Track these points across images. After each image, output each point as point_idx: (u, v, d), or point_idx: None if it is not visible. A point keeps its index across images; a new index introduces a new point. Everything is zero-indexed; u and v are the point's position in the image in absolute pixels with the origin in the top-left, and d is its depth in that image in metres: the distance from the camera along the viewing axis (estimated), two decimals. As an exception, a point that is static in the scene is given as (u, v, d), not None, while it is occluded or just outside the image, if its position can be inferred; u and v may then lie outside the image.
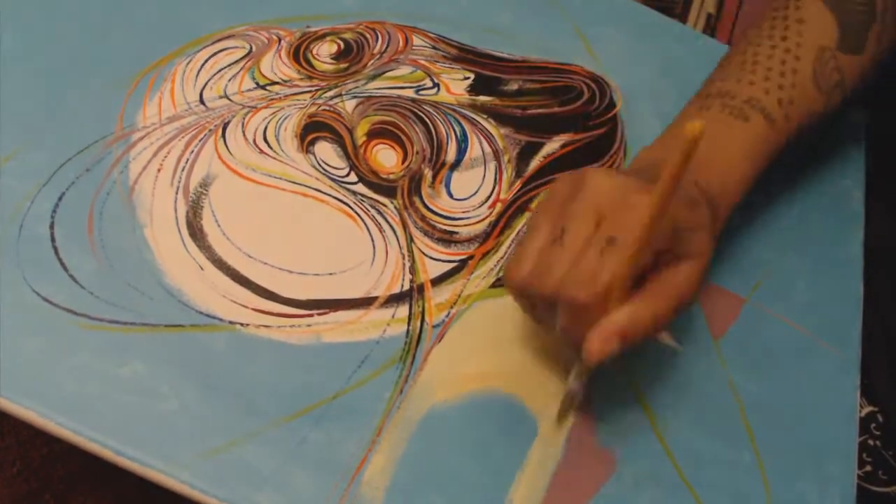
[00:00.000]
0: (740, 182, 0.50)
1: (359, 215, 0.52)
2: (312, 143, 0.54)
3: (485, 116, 0.59)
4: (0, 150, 0.49)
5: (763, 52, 0.53)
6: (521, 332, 0.49)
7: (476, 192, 0.55)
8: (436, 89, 0.59)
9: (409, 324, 0.48)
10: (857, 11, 0.54)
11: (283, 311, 0.47)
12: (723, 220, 0.48)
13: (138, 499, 0.86)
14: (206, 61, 0.56)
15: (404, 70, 0.60)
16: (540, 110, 0.60)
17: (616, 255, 0.40)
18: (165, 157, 0.51)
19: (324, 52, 0.59)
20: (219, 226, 0.49)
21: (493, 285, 0.51)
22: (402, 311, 0.49)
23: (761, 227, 0.58)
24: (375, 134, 0.56)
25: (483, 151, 0.57)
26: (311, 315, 0.47)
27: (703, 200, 0.45)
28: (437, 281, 0.50)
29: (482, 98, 0.60)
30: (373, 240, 0.51)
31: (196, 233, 0.49)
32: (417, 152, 0.56)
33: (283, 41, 0.59)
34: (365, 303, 0.48)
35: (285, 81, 0.57)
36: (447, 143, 0.56)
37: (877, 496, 0.57)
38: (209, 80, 0.55)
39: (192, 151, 0.52)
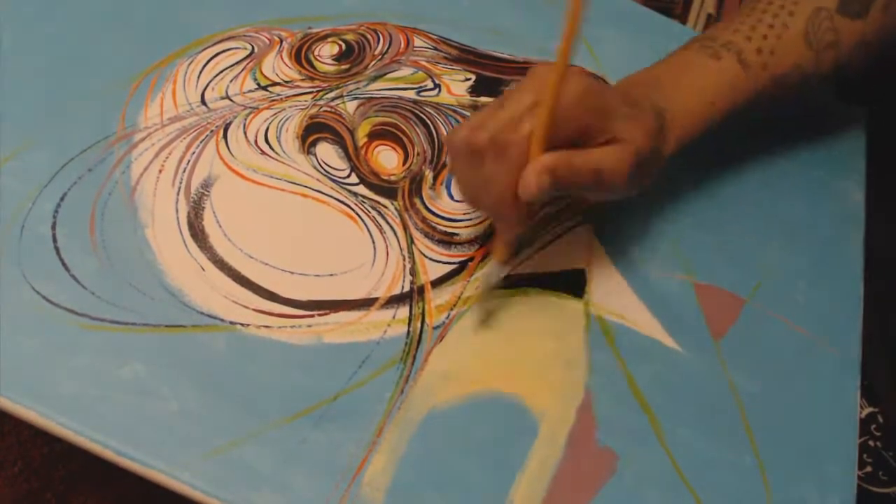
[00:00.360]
0: (699, 114, 0.52)
1: (360, 216, 0.52)
2: (314, 144, 0.54)
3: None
4: (1, 150, 0.49)
5: (760, 6, 0.55)
6: (522, 333, 0.49)
7: (477, 193, 0.55)
8: (437, 90, 0.59)
9: (409, 325, 0.48)
10: None
11: (283, 312, 0.47)
12: (673, 142, 0.51)
13: (139, 499, 0.86)
14: (208, 62, 0.56)
15: (405, 71, 0.60)
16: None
17: (540, 115, 0.44)
18: (167, 157, 0.51)
19: (325, 53, 0.59)
20: (220, 226, 0.49)
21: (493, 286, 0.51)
22: (403, 312, 0.49)
23: (761, 228, 0.58)
24: (376, 135, 0.56)
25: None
26: (312, 316, 0.47)
27: (648, 108, 0.49)
28: (438, 282, 0.50)
29: (483, 99, 0.60)
30: (373, 241, 0.51)
31: (197, 233, 0.49)
32: (418, 154, 0.56)
33: (284, 42, 0.59)
34: (365, 304, 0.48)
35: (287, 82, 0.57)
36: (448, 144, 0.57)
37: (877, 497, 0.57)
38: (211, 81, 0.55)
39: (194, 152, 0.52)
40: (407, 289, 0.50)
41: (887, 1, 0.55)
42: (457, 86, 0.60)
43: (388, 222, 0.52)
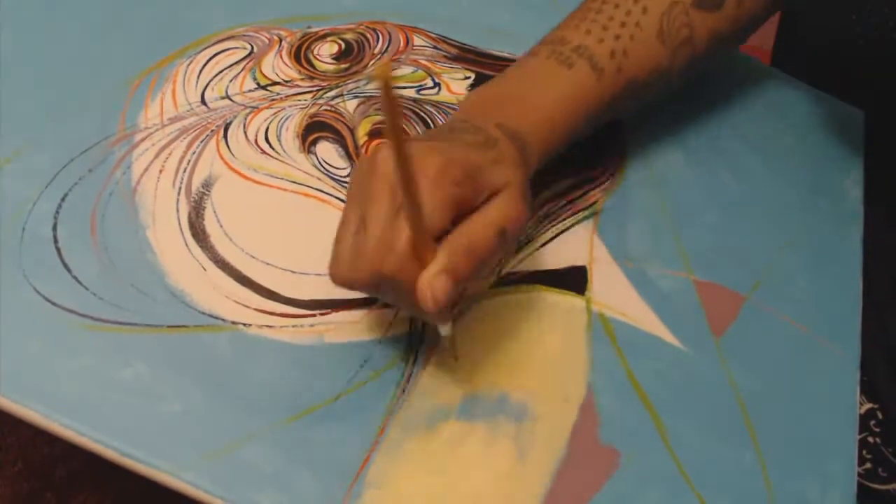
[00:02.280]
0: (555, 128, 0.49)
1: (360, 215, 0.52)
2: (314, 143, 0.54)
3: (485, 116, 0.59)
4: (1, 150, 0.49)
5: (611, 2, 0.52)
6: (524, 330, 0.49)
7: (477, 191, 0.55)
8: (437, 89, 0.59)
9: (411, 324, 0.48)
10: None
11: (285, 312, 0.47)
12: (534, 162, 0.48)
13: (140, 498, 0.86)
14: (208, 62, 0.56)
15: (405, 70, 0.60)
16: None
17: (406, 225, 0.39)
18: (167, 158, 0.51)
19: (325, 52, 0.59)
20: (221, 226, 0.49)
21: (495, 285, 0.51)
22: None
23: (761, 226, 0.58)
24: (377, 134, 0.56)
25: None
26: (314, 315, 0.47)
27: (503, 137, 0.45)
28: (439, 281, 0.50)
29: (483, 98, 0.60)
30: (374, 240, 0.51)
31: (198, 233, 0.49)
32: (418, 152, 0.56)
33: (284, 41, 0.59)
34: (367, 303, 0.48)
35: (286, 82, 0.57)
36: (448, 142, 0.57)
37: (877, 493, 0.57)
38: (211, 81, 0.55)
39: (194, 152, 0.52)
40: (408, 288, 0.50)
41: None
42: (457, 84, 0.60)
43: (388, 221, 0.52)
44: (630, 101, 0.53)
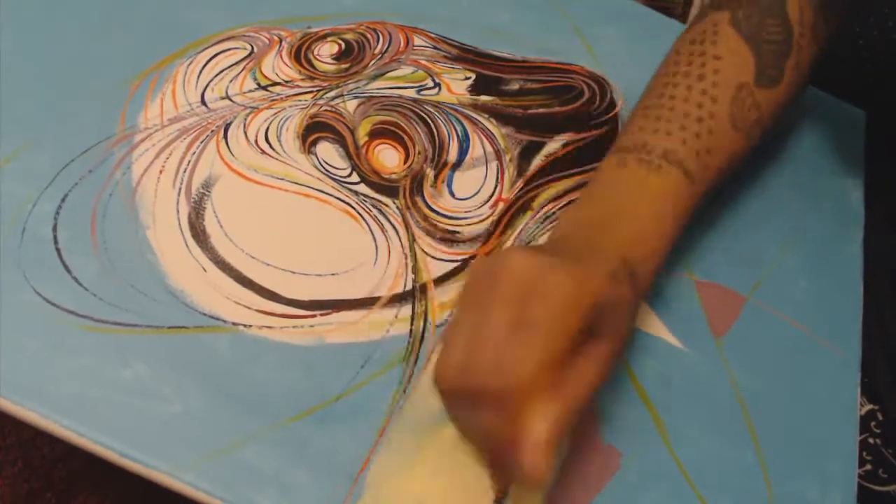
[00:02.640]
0: (662, 243, 0.47)
1: (361, 215, 0.52)
2: (314, 143, 0.54)
3: (486, 116, 0.59)
4: (1, 151, 0.49)
5: (679, 95, 0.51)
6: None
7: (478, 191, 0.55)
8: (437, 89, 0.59)
9: (412, 324, 0.48)
10: (774, 42, 0.53)
11: (285, 312, 0.47)
12: (644, 288, 0.46)
13: (139, 499, 0.86)
14: (208, 62, 0.56)
15: (405, 70, 0.60)
16: (541, 110, 0.60)
17: (534, 343, 0.38)
18: (167, 158, 0.51)
19: (325, 52, 0.59)
20: (221, 227, 0.49)
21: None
22: (405, 310, 0.49)
23: (761, 226, 0.58)
24: (377, 134, 0.56)
25: (485, 151, 0.57)
26: (314, 316, 0.47)
27: (625, 277, 0.43)
28: (440, 280, 0.50)
29: (483, 98, 0.60)
30: (375, 240, 0.51)
31: (199, 234, 0.49)
32: (419, 152, 0.56)
33: (284, 42, 0.59)
34: (368, 303, 0.48)
35: (286, 82, 0.57)
36: (449, 142, 0.57)
37: (877, 495, 0.57)
38: (210, 82, 0.55)
39: (194, 153, 0.52)
40: (409, 287, 0.50)
41: (797, 59, 0.54)
42: (457, 84, 0.60)
43: (389, 221, 0.52)
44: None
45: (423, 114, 0.58)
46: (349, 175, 0.53)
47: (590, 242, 0.44)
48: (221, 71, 0.56)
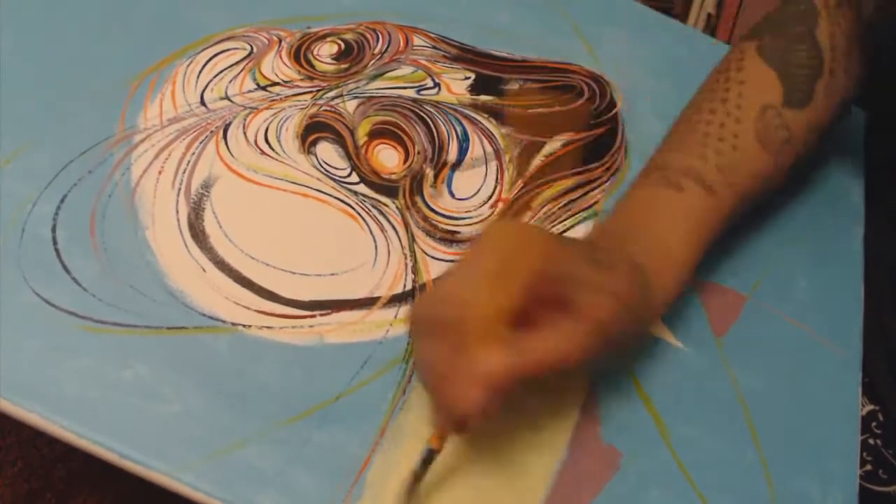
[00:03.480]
0: (680, 254, 0.47)
1: (360, 216, 0.52)
2: (314, 143, 0.54)
3: (486, 116, 0.59)
4: (1, 151, 0.49)
5: (703, 118, 0.52)
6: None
7: (478, 191, 0.55)
8: (437, 89, 0.59)
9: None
10: (803, 66, 0.53)
11: (285, 312, 0.47)
12: (658, 301, 0.46)
13: (139, 499, 0.86)
14: (207, 63, 0.56)
15: (405, 70, 0.60)
16: (541, 110, 0.60)
17: (495, 287, 0.38)
18: (167, 158, 0.51)
19: (324, 52, 0.59)
20: (221, 227, 0.49)
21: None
22: (405, 311, 0.49)
23: (762, 225, 0.58)
24: (377, 134, 0.56)
25: (484, 151, 0.57)
26: (314, 316, 0.47)
27: (622, 265, 0.43)
28: (440, 281, 0.50)
29: (483, 98, 0.60)
30: (375, 240, 0.51)
31: (198, 234, 0.49)
32: (419, 152, 0.56)
33: (283, 42, 0.59)
34: (367, 303, 0.48)
35: (286, 82, 0.57)
36: (448, 142, 0.57)
37: (877, 496, 0.57)
38: (210, 82, 0.55)
39: (194, 153, 0.52)
40: (409, 287, 0.50)
41: (827, 82, 0.54)
42: (456, 84, 0.60)
43: (389, 221, 0.52)
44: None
45: (422, 114, 0.58)
46: (349, 175, 0.53)
47: (608, 246, 0.45)
48: (221, 71, 0.56)
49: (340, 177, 0.53)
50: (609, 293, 0.41)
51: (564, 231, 0.54)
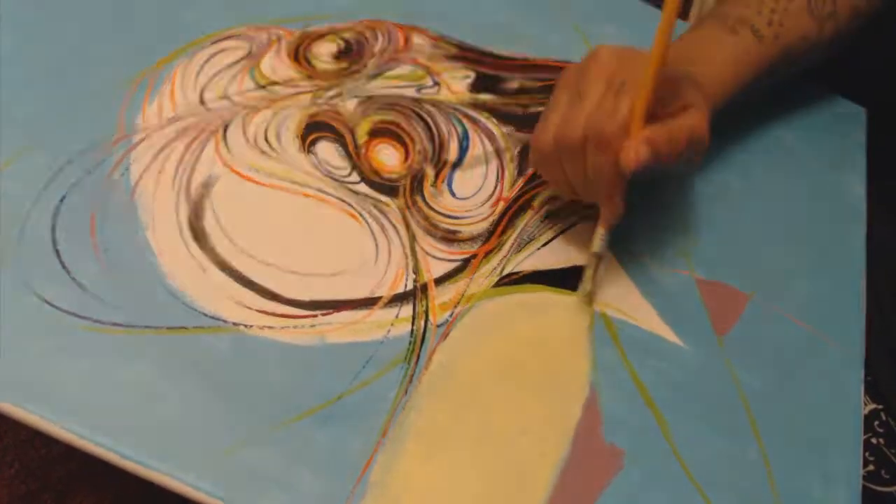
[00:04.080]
0: (725, 83, 0.55)
1: (361, 215, 0.52)
2: (314, 143, 0.54)
3: (486, 115, 0.59)
4: (1, 152, 0.49)
5: None
6: (526, 330, 0.49)
7: (478, 190, 0.55)
8: (437, 88, 0.59)
9: (413, 323, 0.48)
10: None
11: (286, 312, 0.47)
12: (715, 112, 0.53)
13: (138, 499, 0.86)
14: (206, 62, 0.56)
15: (405, 69, 0.59)
16: (541, 108, 0.60)
17: (629, 95, 0.46)
18: (166, 158, 0.51)
19: (324, 51, 0.59)
20: (221, 227, 0.49)
21: (497, 284, 0.51)
22: (406, 310, 0.49)
23: (763, 224, 0.58)
24: (377, 133, 0.56)
25: (485, 150, 0.57)
26: (315, 316, 0.47)
27: (701, 91, 0.51)
28: (441, 280, 0.50)
29: (483, 96, 0.59)
30: (375, 239, 0.51)
31: (198, 234, 0.49)
32: (419, 151, 0.55)
33: (282, 41, 0.58)
34: (368, 303, 0.48)
35: (286, 81, 0.57)
36: (449, 141, 0.56)
37: (880, 496, 0.57)
38: (209, 81, 0.55)
39: (193, 153, 0.52)
40: (410, 287, 0.49)
41: None
42: (456, 83, 0.60)
43: (389, 220, 0.52)
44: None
45: (422, 113, 0.57)
46: (349, 175, 0.53)
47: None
48: (220, 70, 0.56)
49: (341, 176, 0.53)
50: (698, 90, 0.50)
51: (564, 231, 0.54)
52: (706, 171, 0.60)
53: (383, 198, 0.53)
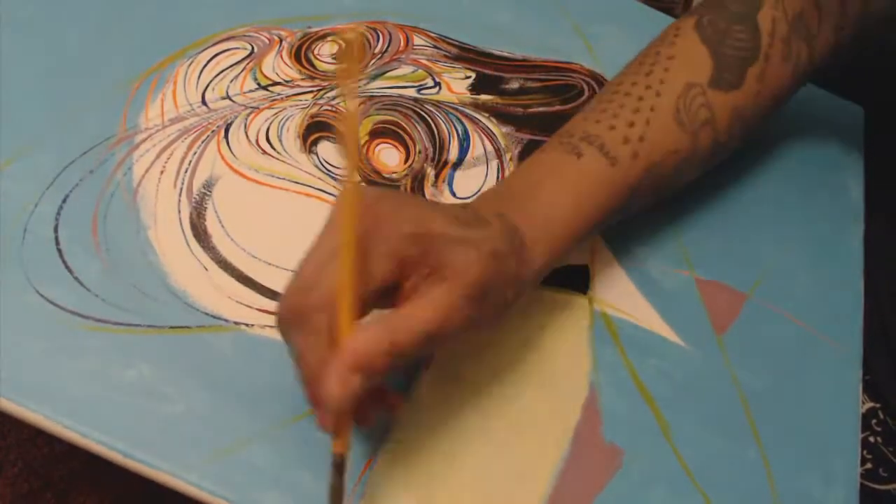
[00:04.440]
0: (565, 221, 0.45)
1: (362, 215, 0.52)
2: (315, 143, 0.54)
3: (486, 115, 0.59)
4: (2, 152, 0.49)
5: (622, 90, 0.50)
6: (526, 330, 0.49)
7: (479, 190, 0.55)
8: (437, 88, 0.59)
9: (413, 323, 0.48)
10: (738, 48, 0.51)
11: (287, 312, 0.47)
12: (540, 259, 0.44)
13: (139, 498, 0.86)
14: (208, 63, 0.56)
15: (406, 69, 0.60)
16: (541, 109, 0.60)
17: (346, 262, 0.36)
18: (168, 158, 0.51)
19: (325, 52, 0.59)
20: (223, 227, 0.49)
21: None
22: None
23: (762, 223, 0.58)
24: (378, 133, 0.56)
25: (485, 150, 0.57)
26: (316, 315, 0.47)
27: (494, 225, 0.41)
28: (441, 280, 0.50)
29: (483, 97, 0.60)
30: (376, 239, 0.51)
31: (200, 234, 0.49)
32: (420, 152, 0.56)
33: (284, 42, 0.59)
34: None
35: (287, 82, 0.57)
36: (449, 142, 0.57)
37: (877, 494, 0.57)
38: (211, 82, 0.55)
39: (195, 153, 0.52)
40: (410, 287, 0.50)
41: (762, 68, 0.52)
42: (457, 84, 0.60)
43: (390, 221, 0.52)
44: (648, 193, 0.50)
45: (423, 113, 0.58)
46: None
47: (483, 206, 0.43)
48: (222, 71, 0.56)
49: (342, 176, 0.53)
50: (481, 249, 0.39)
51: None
52: (706, 172, 0.60)
53: (384, 198, 0.53)
